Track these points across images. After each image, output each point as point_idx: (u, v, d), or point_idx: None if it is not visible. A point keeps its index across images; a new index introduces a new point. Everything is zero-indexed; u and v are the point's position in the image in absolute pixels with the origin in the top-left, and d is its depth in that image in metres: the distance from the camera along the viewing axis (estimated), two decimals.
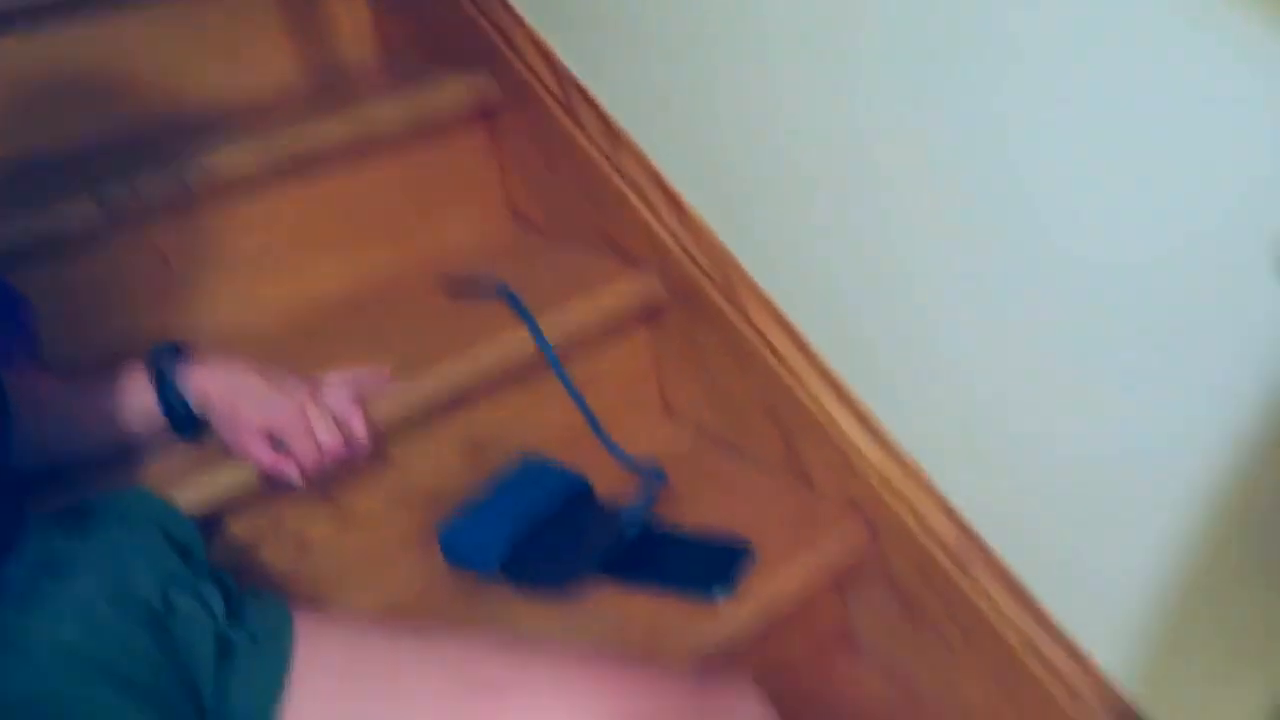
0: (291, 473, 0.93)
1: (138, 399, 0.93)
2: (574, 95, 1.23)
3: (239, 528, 1.04)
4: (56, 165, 1.22)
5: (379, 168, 1.28)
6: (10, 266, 1.02)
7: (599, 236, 1.28)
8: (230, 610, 0.80)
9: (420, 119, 1.28)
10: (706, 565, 1.08)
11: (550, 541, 1.10)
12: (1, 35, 1.21)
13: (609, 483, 1.19)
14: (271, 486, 0.99)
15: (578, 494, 1.15)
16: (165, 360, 0.93)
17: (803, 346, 1.14)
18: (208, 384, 0.93)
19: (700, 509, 1.16)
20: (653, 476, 1.19)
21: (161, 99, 1.31)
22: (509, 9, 1.26)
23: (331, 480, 1.08)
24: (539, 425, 1.23)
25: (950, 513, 1.07)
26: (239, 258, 1.20)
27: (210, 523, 0.99)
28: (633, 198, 1.21)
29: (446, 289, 1.24)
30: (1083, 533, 0.97)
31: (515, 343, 1.15)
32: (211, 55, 1.35)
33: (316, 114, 1.25)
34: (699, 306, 1.20)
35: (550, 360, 1.17)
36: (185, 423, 0.94)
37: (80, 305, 1.11)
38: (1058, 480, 0.97)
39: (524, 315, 1.16)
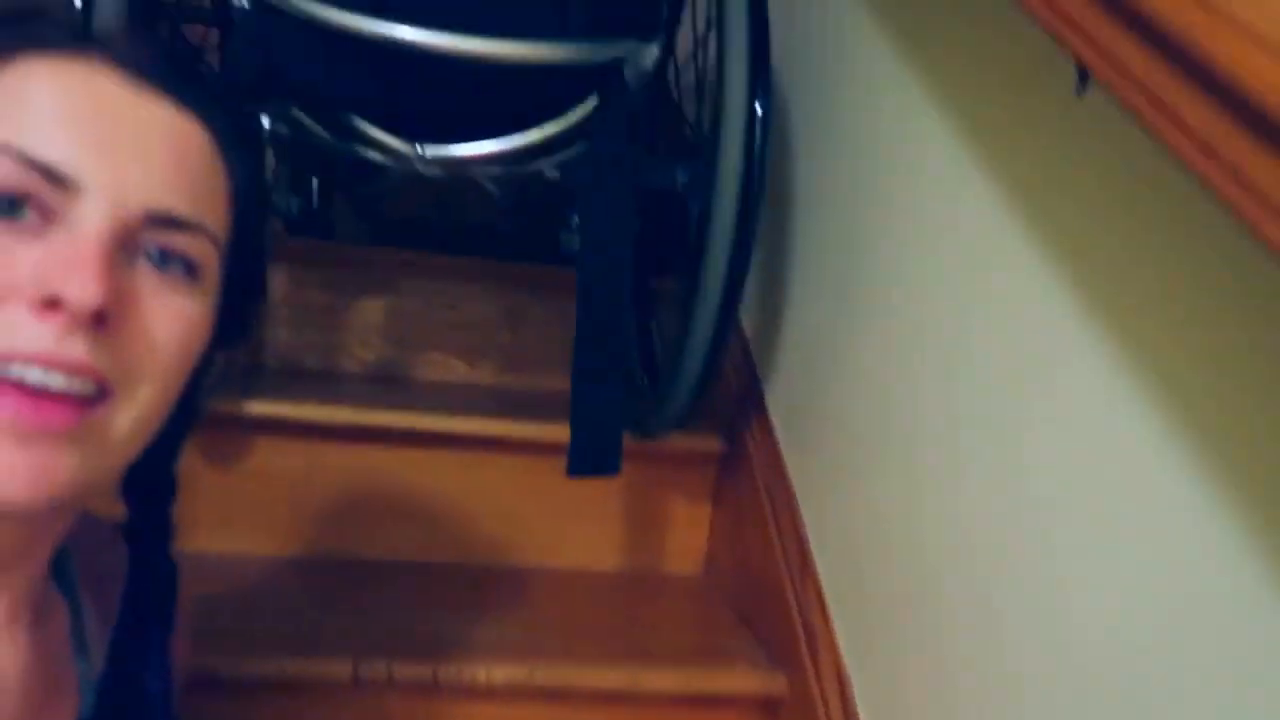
0: None
1: None
2: None
3: None
4: (346, 576, 1.33)
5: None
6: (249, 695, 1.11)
7: None
8: None
9: (698, 695, 1.24)
10: None
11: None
12: (349, 441, 1.36)
13: None
14: None
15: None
16: None
17: None
18: None
19: None
20: None
21: (480, 539, 1.41)
22: (828, 628, 1.16)
23: None
24: None
25: None
26: None
27: None
28: None
29: None
30: None
31: None
32: (542, 517, 1.42)
33: (594, 654, 1.25)
34: None
35: None
36: None
37: None
38: None
39: None
